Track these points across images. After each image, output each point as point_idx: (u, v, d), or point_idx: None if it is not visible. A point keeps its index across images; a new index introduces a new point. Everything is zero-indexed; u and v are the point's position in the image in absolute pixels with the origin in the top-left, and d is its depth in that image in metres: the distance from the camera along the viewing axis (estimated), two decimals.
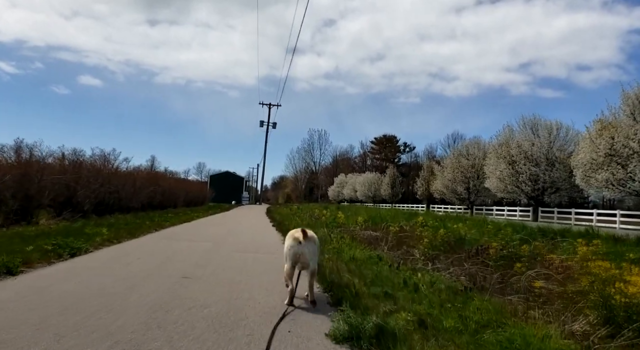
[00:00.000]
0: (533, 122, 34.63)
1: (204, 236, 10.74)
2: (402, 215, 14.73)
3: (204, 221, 16.93)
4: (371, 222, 14.40)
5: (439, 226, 9.69)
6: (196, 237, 10.32)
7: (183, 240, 9.68)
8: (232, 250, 8.47)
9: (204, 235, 10.90)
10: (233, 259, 7.36)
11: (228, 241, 9.92)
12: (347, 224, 15.24)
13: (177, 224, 13.86)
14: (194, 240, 9.73)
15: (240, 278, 5.74)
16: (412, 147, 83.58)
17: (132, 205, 19.17)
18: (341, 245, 9.27)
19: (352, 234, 12.27)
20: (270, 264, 6.92)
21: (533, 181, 33.01)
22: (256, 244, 9.75)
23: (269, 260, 7.38)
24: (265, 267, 6.68)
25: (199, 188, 35.80)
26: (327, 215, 21.33)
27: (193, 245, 8.92)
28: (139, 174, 19.96)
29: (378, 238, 10.73)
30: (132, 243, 8.68)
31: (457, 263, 7.50)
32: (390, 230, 10.94)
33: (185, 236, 10.57)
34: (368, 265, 7.21)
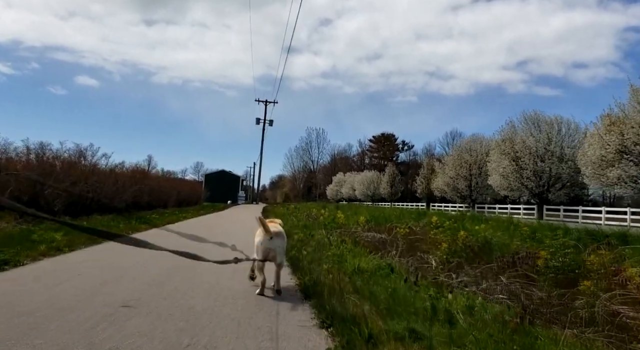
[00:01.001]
0: (534, 118, 33.15)
1: (181, 243, 9.08)
2: (409, 215, 13.14)
3: (190, 223, 15.28)
4: (374, 222, 12.80)
5: (457, 228, 8.07)
6: (170, 244, 8.66)
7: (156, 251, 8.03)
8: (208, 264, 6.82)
9: (181, 242, 9.24)
10: (205, 272, 5.73)
11: (207, 250, 8.28)
12: (348, 224, 13.64)
13: (158, 227, 12.20)
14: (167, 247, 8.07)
15: (205, 305, 4.13)
16: (411, 145, 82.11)
17: (115, 206, 17.48)
18: (342, 252, 7.66)
19: (354, 236, 10.68)
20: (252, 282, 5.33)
21: (537, 177, 31.49)
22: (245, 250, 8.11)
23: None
24: (245, 285, 5.06)
25: (192, 187, 34.06)
26: (325, 215, 19.70)
27: (161, 254, 7.27)
28: (121, 172, 18.28)
29: (385, 241, 9.12)
30: (87, 252, 7.04)
31: (489, 275, 5.90)
32: (398, 233, 9.35)
33: (159, 241, 8.91)
34: (378, 279, 5.60)
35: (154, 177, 22.30)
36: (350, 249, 7.89)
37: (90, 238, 8.34)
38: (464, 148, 41.76)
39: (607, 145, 23.47)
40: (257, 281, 4.51)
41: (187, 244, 3.94)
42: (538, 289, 4.93)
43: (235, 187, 61.90)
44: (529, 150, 31.63)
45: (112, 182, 17.10)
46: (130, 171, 20.08)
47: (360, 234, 11.12)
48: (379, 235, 11.02)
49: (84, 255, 6.67)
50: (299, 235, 10.55)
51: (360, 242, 8.99)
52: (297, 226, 14.27)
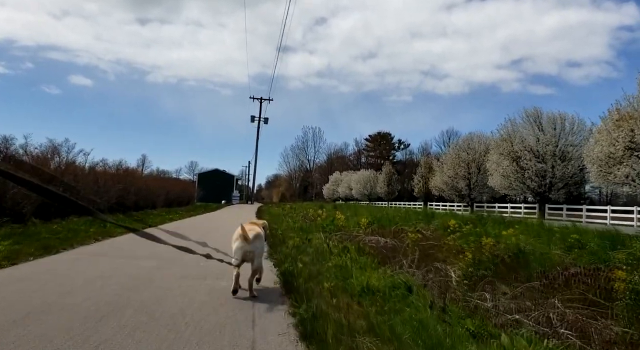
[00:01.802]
0: (535, 115, 31.95)
1: (154, 250, 7.76)
2: (415, 216, 11.85)
3: (176, 225, 13.92)
4: (377, 224, 11.52)
5: (479, 232, 6.79)
6: (142, 251, 7.35)
7: (119, 258, 6.71)
8: (181, 274, 5.54)
9: (154, 249, 7.91)
10: (172, 293, 4.44)
11: (183, 258, 6.95)
12: (348, 226, 12.34)
13: (136, 231, 10.85)
14: (135, 258, 6.75)
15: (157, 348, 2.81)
16: (407, 144, 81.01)
17: (97, 207, 16.01)
18: (346, 262, 6.37)
19: (357, 241, 9.40)
20: (234, 305, 4.03)
21: (540, 177, 30.36)
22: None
23: (233, 296, 4.48)
24: (224, 313, 3.76)
25: (183, 187, 32.54)
26: (322, 215, 18.38)
27: (127, 266, 5.98)
28: (103, 170, 16.88)
29: (394, 248, 7.84)
30: (29, 266, 5.68)
31: (532, 296, 4.62)
32: (408, 238, 8.06)
33: (129, 250, 7.60)
34: (394, 302, 4.32)
35: (140, 176, 20.87)
36: (354, 259, 6.60)
37: (49, 246, 7.01)
38: (462, 146, 40.60)
39: (615, 141, 22.36)
40: (233, 275, 4.43)
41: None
42: (611, 321, 3.66)
43: (229, 187, 60.12)
44: (529, 150, 30.49)
45: (93, 181, 15.69)
46: (115, 169, 18.65)
47: (362, 239, 9.84)
48: (383, 239, 9.74)
49: (22, 271, 5.32)
50: (295, 241, 9.26)
51: (365, 249, 7.69)
52: (292, 229, 12.96)
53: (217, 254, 4.24)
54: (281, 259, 6.65)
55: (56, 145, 12.93)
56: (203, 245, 4.02)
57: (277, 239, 9.69)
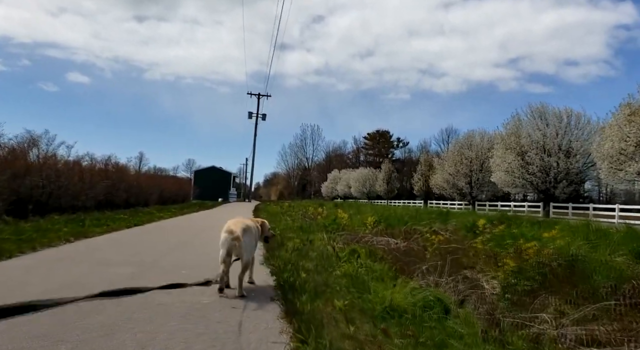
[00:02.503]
0: (541, 110, 30.92)
1: (134, 253, 6.60)
2: (427, 215, 10.73)
3: (165, 224, 12.75)
4: (384, 223, 10.40)
5: (516, 235, 5.67)
6: (119, 255, 6.20)
7: (87, 264, 5.56)
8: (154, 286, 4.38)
9: (134, 251, 6.76)
10: (134, 317, 3.28)
11: (162, 264, 5.81)
12: (352, 226, 11.23)
13: (117, 230, 9.69)
14: (108, 264, 5.59)
15: None
16: (406, 142, 79.93)
17: (82, 204, 14.92)
18: (357, 270, 5.24)
19: (364, 243, 8.29)
20: (217, 334, 2.88)
21: (544, 173, 29.32)
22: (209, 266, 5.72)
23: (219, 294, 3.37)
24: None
25: (178, 184, 31.18)
26: (323, 214, 17.27)
27: (94, 275, 4.83)
28: (88, 166, 15.68)
29: (409, 252, 6.72)
30: None
31: (610, 320, 3.51)
32: (424, 239, 6.95)
33: (104, 253, 6.44)
34: (430, 331, 3.20)
35: (130, 172, 19.68)
36: (367, 266, 5.47)
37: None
38: (464, 143, 39.53)
39: (626, 137, 21.33)
40: (219, 270, 4.16)
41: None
42: None
43: (226, 184, 58.63)
44: (535, 145, 29.49)
45: (78, 177, 14.51)
46: (103, 165, 17.45)
47: (370, 240, 8.73)
48: (393, 240, 8.63)
49: None
50: (295, 242, 8.13)
51: (376, 253, 6.56)
52: (291, 228, 11.83)
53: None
54: (280, 266, 5.52)
55: (35, 137, 11.73)
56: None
57: (275, 240, 8.56)
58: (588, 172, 29.68)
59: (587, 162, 29.29)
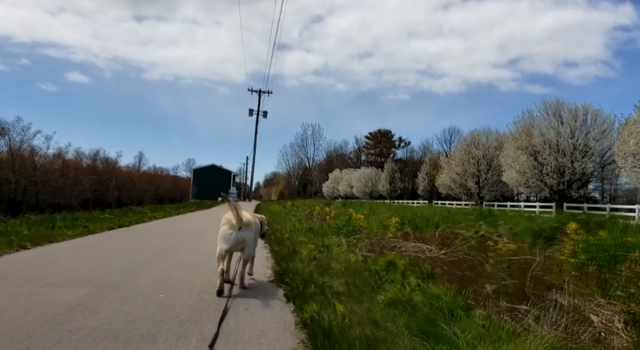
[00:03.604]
0: (556, 106, 29.27)
1: (100, 265, 4.96)
2: (462, 216, 9.10)
3: (154, 225, 11.09)
4: (410, 226, 8.77)
5: (630, 244, 4.03)
6: (74, 271, 4.57)
7: (27, 282, 3.93)
8: (123, 319, 2.75)
9: (101, 262, 5.11)
10: None
11: (132, 283, 4.16)
12: (370, 228, 9.62)
13: (95, 233, 8.04)
14: (53, 284, 3.95)
15: None
16: (407, 142, 78.31)
17: (66, 202, 13.27)
18: (410, 296, 3.62)
19: (392, 249, 6.70)
20: None
21: (559, 173, 27.72)
22: (200, 285, 4.13)
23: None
24: None
25: (175, 183, 29.40)
26: (332, 214, 15.65)
27: (29, 301, 3.19)
28: (73, 160, 14.05)
29: (462, 265, 5.09)
30: None
31: None
32: (470, 247, 5.33)
33: (60, 266, 4.80)
34: None
35: (122, 168, 18.08)
36: (421, 288, 3.83)
37: None
38: (470, 142, 37.93)
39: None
40: (218, 268, 3.67)
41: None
42: None
43: (226, 183, 56.59)
44: (549, 144, 27.87)
45: (59, 171, 12.85)
46: (91, 159, 15.80)
47: (397, 245, 7.11)
48: (427, 246, 7.01)
49: None
50: (309, 249, 6.52)
51: (424, 267, 4.91)
52: (300, 230, 10.21)
53: None
54: (299, 289, 3.88)
55: (3, 124, 10.08)
56: None
57: (284, 246, 6.93)
58: (604, 172, 28.17)
59: (603, 162, 27.78)
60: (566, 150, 27.49)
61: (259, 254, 5.69)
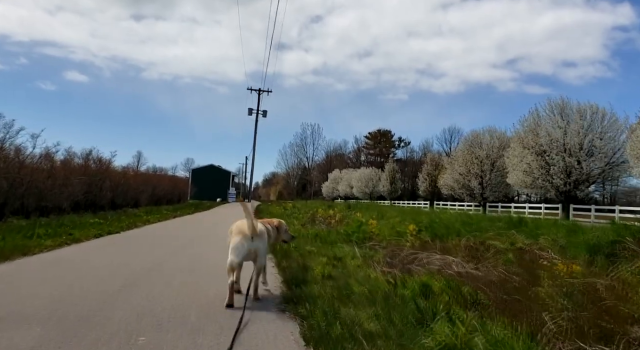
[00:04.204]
0: (561, 106, 28.48)
1: (71, 290, 4.06)
2: (488, 222, 8.21)
3: (147, 231, 10.18)
4: (429, 233, 7.93)
5: None
6: (43, 298, 3.69)
7: None
8: None
9: (70, 283, 4.20)
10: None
11: (104, 318, 3.27)
12: (382, 235, 8.76)
13: (80, 242, 7.15)
14: (11, 324, 3.06)
15: None
16: (407, 141, 77.50)
17: (56, 205, 12.40)
18: (466, 336, 2.76)
19: (413, 263, 5.87)
20: None
21: (566, 174, 26.93)
22: (196, 318, 3.25)
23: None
24: None
25: (173, 183, 28.40)
26: (336, 217, 14.79)
27: None
28: (64, 161, 13.15)
29: (506, 286, 4.23)
30: None
31: None
32: (505, 260, 4.48)
33: (16, 295, 3.90)
34: None
35: (116, 169, 17.16)
36: (502, 343, 2.97)
37: None
38: (474, 141, 37.11)
39: None
40: (228, 280, 3.53)
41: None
42: None
43: (225, 184, 55.46)
44: (555, 143, 27.07)
45: (46, 172, 11.96)
46: (83, 160, 14.89)
47: (418, 258, 6.27)
48: (451, 258, 6.16)
49: None
50: (321, 262, 5.67)
51: (457, 288, 4.06)
52: (306, 237, 9.36)
53: None
54: (320, 327, 3.00)
55: None
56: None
57: (293, 259, 6.06)
58: (611, 173, 27.37)
59: (611, 162, 27.00)
60: (573, 149, 26.73)
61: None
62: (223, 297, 3.69)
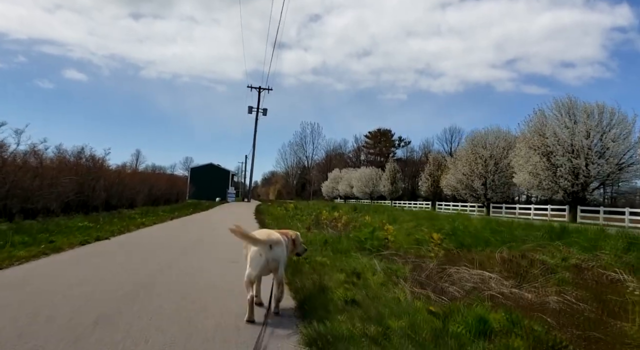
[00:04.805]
0: (569, 105, 27.63)
1: (26, 328, 3.15)
2: (523, 230, 7.31)
3: (140, 236, 9.24)
4: (454, 242, 7.05)
5: None
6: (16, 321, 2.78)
7: None
8: None
9: (31, 324, 3.28)
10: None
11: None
12: (399, 243, 7.88)
13: (61, 251, 6.25)
14: None
15: None
16: (407, 141, 76.67)
17: (44, 206, 11.49)
18: None
19: (441, 279, 5.02)
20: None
21: (574, 175, 26.10)
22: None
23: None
24: None
25: (171, 182, 27.30)
26: (342, 220, 13.87)
27: None
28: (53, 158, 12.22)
29: (577, 313, 3.34)
30: None
31: None
32: (559, 279, 3.61)
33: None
34: None
35: (110, 167, 16.22)
36: None
37: None
38: (478, 141, 36.28)
39: None
40: (247, 295, 3.33)
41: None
42: None
43: (224, 183, 54.29)
44: (562, 145, 26.24)
45: (32, 171, 11.05)
46: (75, 158, 13.96)
47: (451, 273, 5.42)
48: (488, 274, 5.31)
49: None
50: (339, 281, 4.79)
51: (516, 319, 3.18)
52: (314, 243, 8.44)
53: None
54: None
55: None
56: None
57: (305, 274, 5.17)
58: (621, 175, 26.57)
59: (621, 163, 26.21)
60: (581, 151, 25.91)
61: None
62: (225, 331, 2.81)
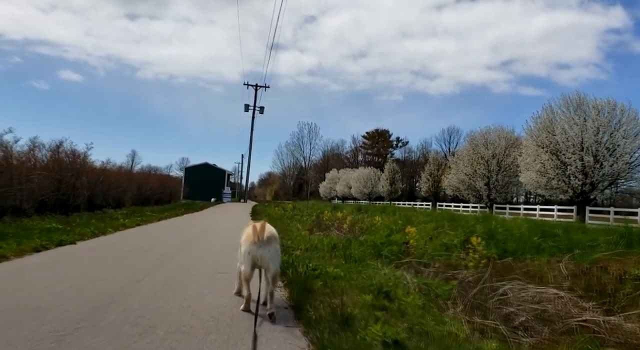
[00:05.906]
0: (577, 102, 26.49)
1: None
2: (582, 235, 5.99)
3: (115, 241, 7.81)
4: (495, 248, 5.74)
5: None
6: None
7: None
8: None
9: None
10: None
11: None
12: (422, 248, 6.57)
13: (9, 259, 4.89)
14: None
15: None
16: (405, 141, 75.50)
17: (15, 205, 10.14)
18: None
19: (494, 297, 3.68)
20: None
21: (584, 174, 24.94)
22: None
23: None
24: None
25: (162, 182, 25.68)
26: (347, 221, 12.51)
27: None
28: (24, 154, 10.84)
29: None
30: None
31: None
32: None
33: None
34: None
35: (94, 164, 14.82)
36: None
37: None
38: (479, 141, 35.12)
39: None
40: (243, 293, 3.46)
41: None
42: None
43: (220, 183, 52.48)
44: (572, 142, 25.09)
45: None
46: (51, 153, 12.54)
47: (502, 291, 4.13)
48: (554, 292, 4.06)
49: None
50: (365, 304, 3.46)
51: None
52: (319, 249, 7.12)
53: None
54: None
55: None
56: None
57: (317, 295, 3.83)
58: (632, 173, 25.46)
59: (631, 162, 25.12)
60: (591, 148, 24.78)
61: (280, 338, 2.57)
62: None
